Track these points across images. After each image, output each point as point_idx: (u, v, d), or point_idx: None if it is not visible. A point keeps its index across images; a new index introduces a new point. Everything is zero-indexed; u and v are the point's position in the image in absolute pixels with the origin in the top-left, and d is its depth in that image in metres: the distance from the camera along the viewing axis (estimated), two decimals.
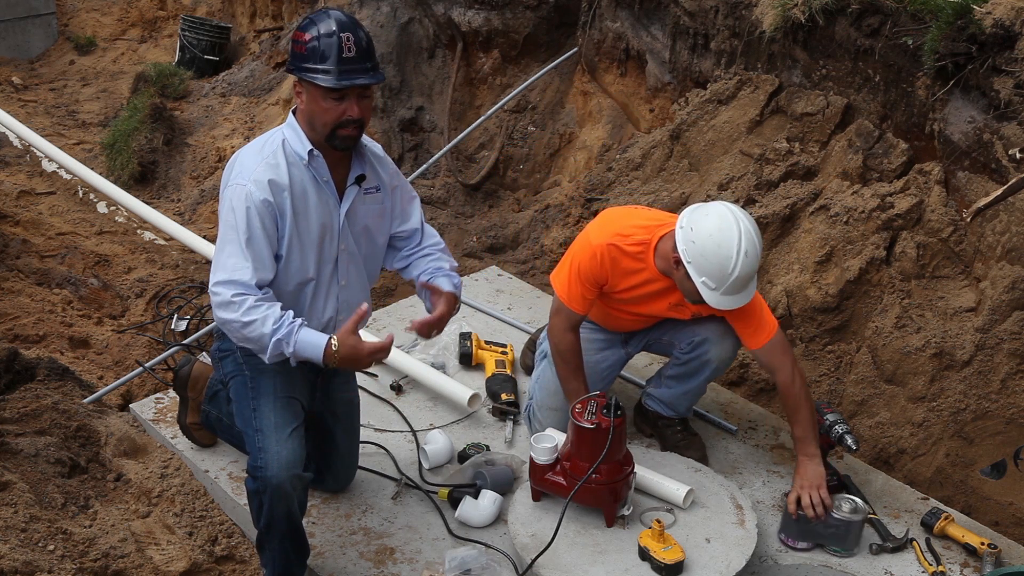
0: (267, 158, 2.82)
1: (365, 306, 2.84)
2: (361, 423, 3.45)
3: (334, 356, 2.75)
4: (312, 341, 2.76)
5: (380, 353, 2.83)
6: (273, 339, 2.75)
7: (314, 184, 2.87)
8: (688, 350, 3.48)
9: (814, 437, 3.27)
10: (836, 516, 3.16)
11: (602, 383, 3.60)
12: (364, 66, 2.78)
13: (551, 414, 3.57)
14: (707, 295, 3.11)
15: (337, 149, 2.87)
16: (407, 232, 3.18)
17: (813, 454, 3.25)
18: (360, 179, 2.96)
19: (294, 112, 2.91)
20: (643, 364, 4.10)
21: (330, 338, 2.76)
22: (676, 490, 3.21)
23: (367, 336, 4.15)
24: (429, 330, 3.01)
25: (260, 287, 2.79)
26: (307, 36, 2.75)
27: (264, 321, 2.75)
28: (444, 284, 3.07)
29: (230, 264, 2.78)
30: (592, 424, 3.04)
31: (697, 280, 3.10)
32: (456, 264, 3.23)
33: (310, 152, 2.84)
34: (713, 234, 3.05)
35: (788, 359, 3.30)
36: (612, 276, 3.29)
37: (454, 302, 3.07)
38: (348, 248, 2.99)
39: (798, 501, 3.18)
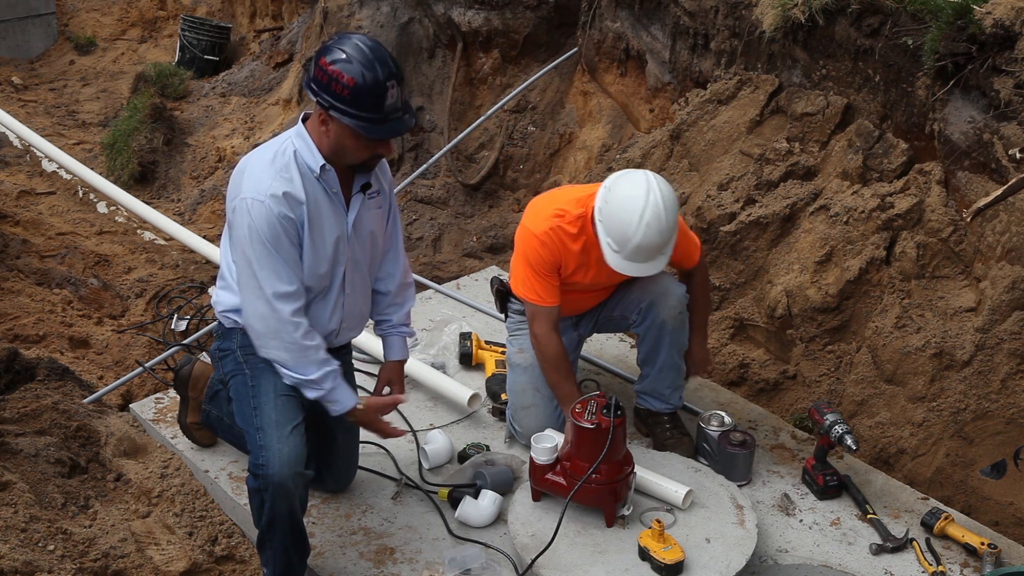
0: (280, 171, 2.80)
1: (403, 397, 3.17)
2: None
3: (353, 415, 2.99)
4: (347, 392, 2.97)
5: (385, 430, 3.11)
6: (322, 370, 2.88)
7: (325, 196, 2.88)
8: (640, 321, 3.52)
9: (706, 324, 3.70)
10: (728, 450, 3.43)
11: None
12: (402, 110, 2.78)
13: (525, 413, 3.58)
14: (609, 256, 3.19)
15: (357, 173, 2.92)
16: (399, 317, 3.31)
17: (706, 337, 3.71)
18: (365, 187, 2.97)
19: (303, 120, 2.88)
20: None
21: (359, 401, 3.00)
22: (675, 491, 3.21)
23: (369, 336, 4.16)
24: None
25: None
26: (347, 78, 2.66)
27: (318, 349, 2.89)
28: (396, 351, 3.28)
29: (273, 277, 2.80)
30: (592, 424, 3.04)
31: (603, 239, 3.19)
32: (413, 299, 3.36)
33: (322, 167, 2.83)
34: (623, 198, 3.13)
35: (704, 263, 3.68)
36: (564, 258, 3.32)
37: (401, 375, 3.32)
38: (354, 256, 3.00)
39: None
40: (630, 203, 3.10)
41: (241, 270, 2.86)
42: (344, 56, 2.69)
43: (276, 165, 2.81)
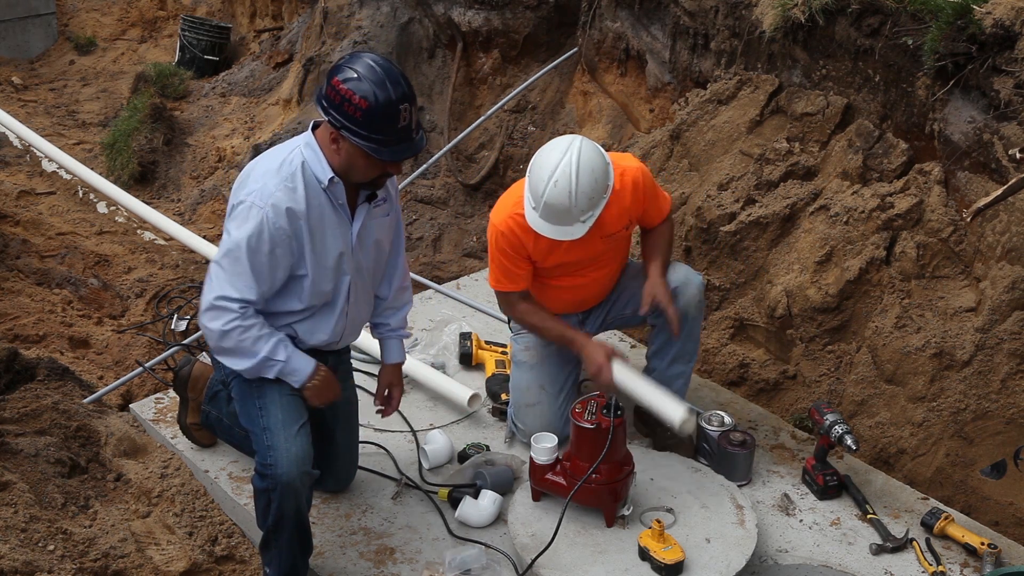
0: (285, 180, 2.79)
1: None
2: (361, 423, 3.46)
3: (316, 376, 2.94)
4: (305, 358, 2.94)
5: (332, 393, 3.05)
6: (273, 339, 2.84)
7: (331, 207, 2.87)
8: (658, 312, 3.44)
9: (666, 263, 3.48)
10: (729, 449, 3.43)
11: (571, 366, 3.61)
12: (414, 132, 2.77)
13: (529, 411, 3.58)
14: (528, 212, 3.21)
15: (363, 190, 2.92)
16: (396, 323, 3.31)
17: (662, 273, 3.43)
18: (370, 197, 2.96)
19: (313, 129, 2.86)
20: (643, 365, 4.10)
21: (319, 364, 2.96)
22: (674, 410, 3.18)
23: (369, 336, 4.17)
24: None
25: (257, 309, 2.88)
26: (360, 99, 2.64)
27: (262, 326, 2.85)
28: (394, 354, 3.31)
29: (240, 284, 2.79)
30: (592, 424, 3.04)
31: (525, 194, 3.20)
32: (411, 301, 3.37)
33: (331, 179, 2.82)
34: (544, 153, 3.17)
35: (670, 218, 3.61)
36: (528, 244, 3.31)
37: (400, 376, 3.37)
38: (358, 266, 3.01)
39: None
40: (546, 160, 3.13)
41: (214, 261, 2.86)
42: (356, 76, 2.66)
43: (282, 173, 2.80)
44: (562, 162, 3.09)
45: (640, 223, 3.53)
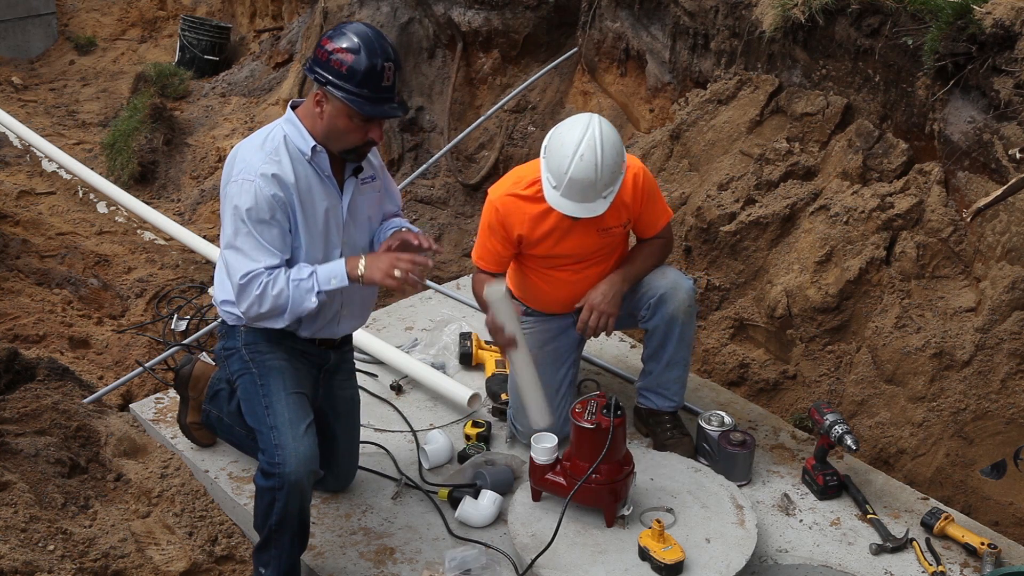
0: (270, 154, 2.83)
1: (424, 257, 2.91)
2: (361, 423, 3.46)
3: (358, 265, 2.82)
4: (333, 264, 2.85)
5: (406, 264, 2.82)
6: (293, 270, 2.80)
7: (317, 178, 2.90)
8: (650, 316, 3.49)
9: (634, 274, 3.44)
10: (728, 449, 3.43)
11: (566, 367, 3.61)
12: (395, 96, 2.83)
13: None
14: (548, 193, 3.21)
15: (347, 161, 2.93)
16: (390, 213, 3.23)
17: (622, 279, 3.40)
18: (357, 171, 2.99)
19: (292, 107, 2.91)
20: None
21: (347, 259, 2.86)
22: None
23: (369, 336, 4.16)
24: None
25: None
26: (347, 55, 2.73)
27: (287, 280, 2.80)
28: (398, 224, 3.16)
29: (260, 256, 2.81)
30: (592, 424, 3.04)
31: (543, 176, 3.21)
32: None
33: (313, 148, 2.86)
34: (562, 131, 3.20)
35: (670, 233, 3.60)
36: (520, 226, 3.33)
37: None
38: (350, 241, 3.01)
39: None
40: (568, 137, 3.16)
41: (225, 249, 2.88)
42: (345, 36, 2.76)
43: (266, 148, 2.84)
44: (586, 136, 3.13)
45: (636, 229, 3.53)
